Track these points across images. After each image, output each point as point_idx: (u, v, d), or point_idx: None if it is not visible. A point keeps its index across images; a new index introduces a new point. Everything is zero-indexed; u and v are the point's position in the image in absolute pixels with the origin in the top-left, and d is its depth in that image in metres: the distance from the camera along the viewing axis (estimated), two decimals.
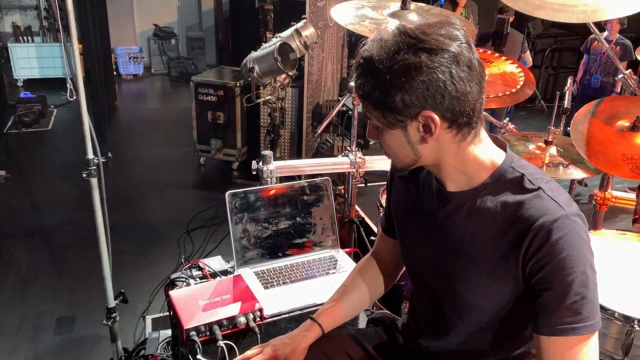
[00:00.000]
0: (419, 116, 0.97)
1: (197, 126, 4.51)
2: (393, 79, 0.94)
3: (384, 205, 2.12)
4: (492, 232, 1.03)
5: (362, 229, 2.95)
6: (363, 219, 3.12)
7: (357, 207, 3.01)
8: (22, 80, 6.78)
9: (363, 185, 2.60)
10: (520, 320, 1.09)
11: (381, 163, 2.34)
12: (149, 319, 2.59)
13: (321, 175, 1.93)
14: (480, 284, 1.05)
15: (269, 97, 3.65)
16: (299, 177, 2.78)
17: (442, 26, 0.95)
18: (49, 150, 5.02)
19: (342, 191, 3.26)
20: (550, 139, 1.95)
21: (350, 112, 2.76)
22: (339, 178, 3.58)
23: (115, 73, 7.01)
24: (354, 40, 6.89)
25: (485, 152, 1.05)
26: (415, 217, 1.19)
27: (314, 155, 4.24)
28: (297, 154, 4.34)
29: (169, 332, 2.05)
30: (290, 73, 3.43)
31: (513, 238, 0.99)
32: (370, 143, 3.62)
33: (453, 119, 0.97)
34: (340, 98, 3.77)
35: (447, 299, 1.13)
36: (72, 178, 4.20)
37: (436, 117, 0.96)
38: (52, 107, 5.94)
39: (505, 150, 1.08)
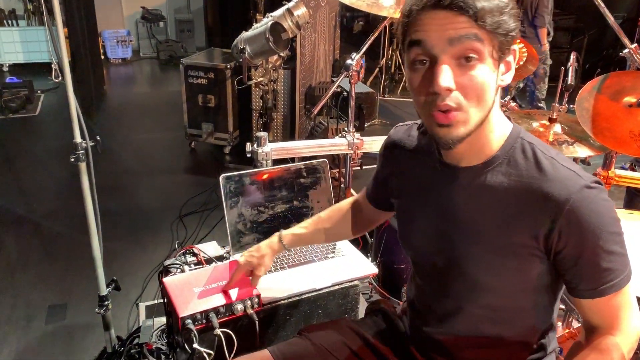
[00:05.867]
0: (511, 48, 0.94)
1: (188, 110, 4.43)
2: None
3: None
4: (505, 207, 0.98)
5: None
6: None
7: (351, 190, 2.97)
8: (7, 65, 6.62)
9: (358, 167, 2.55)
10: (536, 301, 1.05)
11: (379, 144, 2.27)
12: (142, 306, 2.54)
13: (317, 157, 1.87)
14: (493, 263, 1.00)
15: (261, 78, 3.57)
16: (292, 160, 2.72)
17: None
18: (37, 136, 4.92)
19: (337, 174, 3.21)
20: (554, 117, 1.90)
21: (345, 93, 2.69)
22: (333, 161, 3.52)
23: (103, 57, 6.88)
24: (345, 22, 6.80)
25: (498, 116, 1.00)
26: (418, 196, 1.13)
27: (308, 138, 4.17)
28: (290, 137, 4.28)
29: (163, 319, 2.01)
30: (282, 54, 3.35)
31: (532, 212, 0.95)
32: (366, 125, 3.56)
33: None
34: (334, 79, 3.71)
35: (456, 282, 1.07)
36: (61, 164, 4.12)
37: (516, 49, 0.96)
38: (39, 92, 5.81)
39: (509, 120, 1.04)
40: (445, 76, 0.88)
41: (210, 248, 1.71)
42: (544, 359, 1.12)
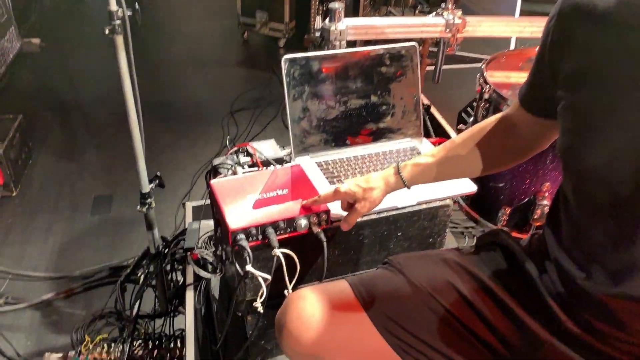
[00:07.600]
0: None
1: None
2: None
3: (489, 83, 1.66)
4: None
5: (427, 117, 2.57)
6: (429, 105, 2.71)
7: (420, 95, 2.59)
8: None
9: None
10: None
11: (486, 26, 1.81)
12: (189, 206, 2.36)
13: (405, 40, 1.47)
14: None
15: None
16: (354, 45, 2.30)
17: None
18: (86, 19, 4.65)
19: None
20: None
21: None
22: None
23: None
24: None
25: None
26: (611, 89, 0.74)
27: None
28: None
29: (211, 223, 1.79)
30: None
31: None
32: None
33: None
34: None
35: None
36: (109, 49, 3.89)
37: None
38: None
39: None
40: None
41: (267, 147, 1.42)
42: None
